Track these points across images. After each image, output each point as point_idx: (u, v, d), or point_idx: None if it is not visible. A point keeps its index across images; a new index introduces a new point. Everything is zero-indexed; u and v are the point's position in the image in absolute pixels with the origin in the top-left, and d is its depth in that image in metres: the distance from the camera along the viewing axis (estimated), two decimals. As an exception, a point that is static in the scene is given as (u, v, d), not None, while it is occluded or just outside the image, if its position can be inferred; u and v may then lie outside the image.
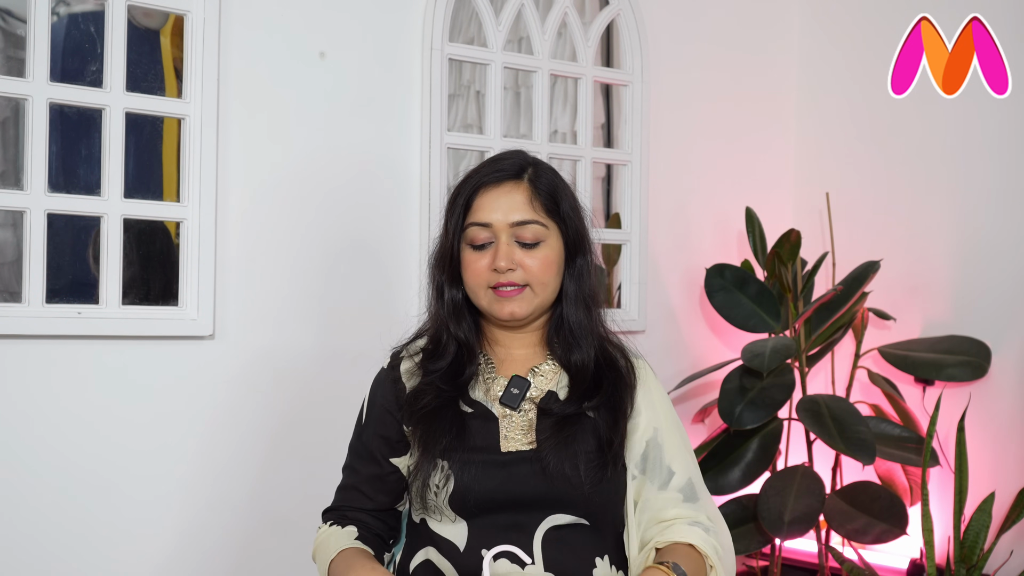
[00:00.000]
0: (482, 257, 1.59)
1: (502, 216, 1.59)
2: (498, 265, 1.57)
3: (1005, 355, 2.67)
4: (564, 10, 2.66)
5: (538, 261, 1.59)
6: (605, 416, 1.59)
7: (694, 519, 1.56)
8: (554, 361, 1.65)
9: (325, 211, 2.34)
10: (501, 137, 2.57)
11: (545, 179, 1.63)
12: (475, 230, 1.60)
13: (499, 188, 1.61)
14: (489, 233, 1.59)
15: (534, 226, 1.59)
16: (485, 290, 1.60)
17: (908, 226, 2.91)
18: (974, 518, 2.40)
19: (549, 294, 1.62)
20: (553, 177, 1.65)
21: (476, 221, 1.60)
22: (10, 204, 1.97)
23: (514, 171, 1.62)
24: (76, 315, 2.02)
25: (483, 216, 1.59)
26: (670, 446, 1.61)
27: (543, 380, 1.63)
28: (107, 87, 2.06)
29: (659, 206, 2.90)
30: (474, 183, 1.62)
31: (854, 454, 2.37)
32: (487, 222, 1.59)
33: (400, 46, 2.44)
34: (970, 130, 2.79)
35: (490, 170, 1.63)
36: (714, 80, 3.05)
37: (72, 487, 2.04)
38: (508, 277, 1.57)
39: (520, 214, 1.59)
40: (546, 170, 1.65)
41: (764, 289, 2.74)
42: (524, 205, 1.59)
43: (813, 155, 3.18)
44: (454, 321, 1.65)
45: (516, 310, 1.58)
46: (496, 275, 1.58)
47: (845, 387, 2.82)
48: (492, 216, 1.59)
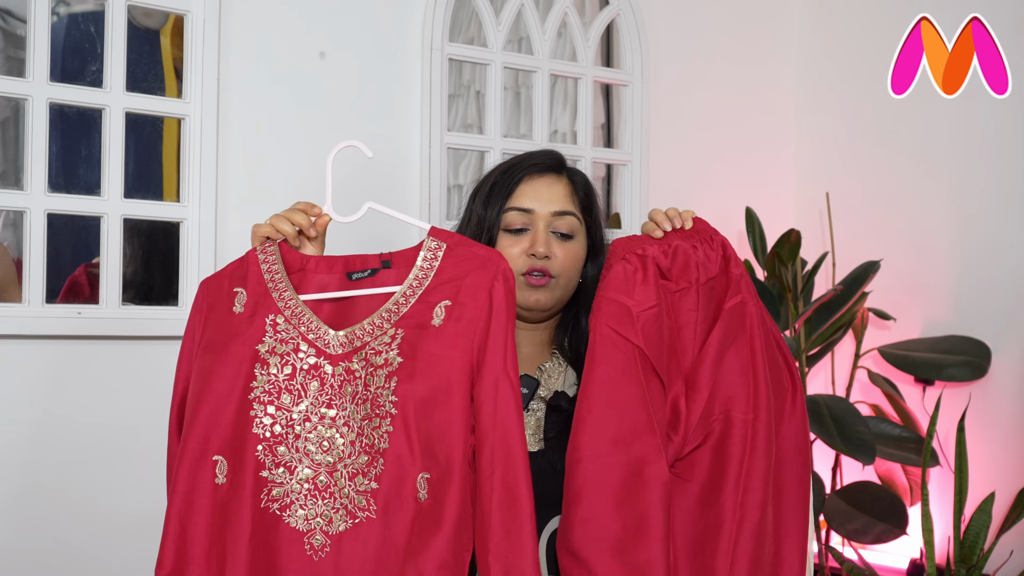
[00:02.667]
0: (518, 242, 1.62)
1: (544, 204, 1.63)
2: (536, 250, 1.60)
3: (1005, 355, 2.67)
4: (564, 10, 2.66)
5: (570, 255, 1.63)
6: None
7: None
8: (559, 358, 1.67)
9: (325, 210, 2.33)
10: (501, 137, 2.57)
11: (581, 178, 1.71)
12: (514, 215, 1.63)
13: (542, 178, 1.66)
14: (527, 219, 1.63)
15: (571, 218, 1.64)
16: (517, 276, 1.61)
17: (908, 226, 2.91)
18: (974, 518, 2.40)
19: (571, 289, 1.66)
20: (586, 179, 1.72)
21: (517, 206, 1.63)
22: (10, 204, 1.97)
23: (554, 165, 1.69)
24: (76, 315, 2.02)
25: (525, 202, 1.63)
26: None
27: (551, 379, 1.65)
28: (107, 87, 2.06)
29: (659, 206, 2.90)
30: (517, 173, 1.67)
31: (854, 454, 2.37)
32: (529, 208, 1.63)
33: (400, 46, 2.44)
34: (970, 130, 2.79)
35: (531, 161, 1.68)
36: (714, 80, 3.05)
37: (72, 487, 2.04)
38: (543, 264, 1.60)
39: (561, 205, 1.64)
40: (580, 172, 1.73)
41: (764, 289, 2.74)
42: (564, 197, 1.65)
43: (813, 155, 3.18)
44: None
45: (542, 299, 1.61)
46: (531, 260, 1.60)
47: (845, 387, 2.82)
48: (534, 203, 1.63)
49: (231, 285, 1.46)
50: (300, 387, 1.39)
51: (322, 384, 1.39)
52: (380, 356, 1.39)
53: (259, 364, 1.40)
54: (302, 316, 1.43)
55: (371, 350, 1.40)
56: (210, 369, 1.40)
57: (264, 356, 1.40)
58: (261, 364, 1.40)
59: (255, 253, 1.49)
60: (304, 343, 1.41)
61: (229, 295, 1.46)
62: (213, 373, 1.40)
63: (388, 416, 1.37)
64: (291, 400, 1.38)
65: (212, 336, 1.43)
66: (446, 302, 1.42)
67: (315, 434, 1.38)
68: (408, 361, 1.39)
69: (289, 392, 1.39)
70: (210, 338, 1.43)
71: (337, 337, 1.41)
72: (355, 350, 1.40)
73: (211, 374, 1.40)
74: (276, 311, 1.43)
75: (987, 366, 2.63)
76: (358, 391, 1.39)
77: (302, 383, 1.39)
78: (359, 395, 1.38)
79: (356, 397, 1.38)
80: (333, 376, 1.39)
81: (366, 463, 1.36)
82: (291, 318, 1.43)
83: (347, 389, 1.39)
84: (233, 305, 1.45)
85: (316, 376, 1.40)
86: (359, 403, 1.38)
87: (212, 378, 1.39)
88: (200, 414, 1.38)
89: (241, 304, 1.45)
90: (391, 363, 1.39)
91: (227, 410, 1.38)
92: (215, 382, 1.39)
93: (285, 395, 1.39)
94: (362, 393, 1.38)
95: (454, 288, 1.43)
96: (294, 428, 1.38)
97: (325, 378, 1.39)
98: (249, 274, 1.47)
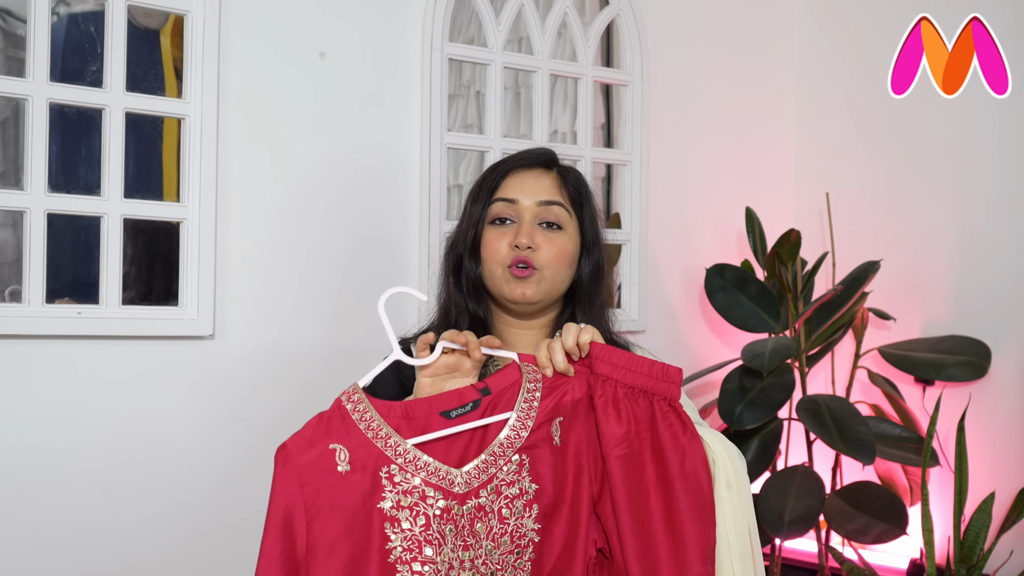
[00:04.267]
0: (503, 235, 1.62)
1: (529, 195, 1.63)
2: (519, 241, 1.59)
3: (1005, 355, 2.67)
4: (564, 10, 2.66)
5: (556, 247, 1.62)
6: None
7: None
8: None
9: (325, 211, 2.34)
10: (501, 137, 2.57)
11: (573, 175, 1.70)
12: (500, 205, 1.64)
13: (529, 172, 1.67)
14: (513, 211, 1.63)
15: (558, 208, 1.63)
16: (502, 268, 1.61)
17: (908, 226, 2.91)
18: (974, 518, 2.40)
19: (559, 283, 1.64)
20: (579, 176, 1.72)
21: (502, 196, 1.64)
22: (10, 204, 1.97)
23: (544, 160, 1.69)
24: (76, 315, 2.02)
25: (510, 193, 1.64)
26: None
27: None
28: (107, 87, 2.06)
29: (659, 206, 2.91)
30: (504, 167, 1.68)
31: (854, 454, 2.37)
32: (513, 198, 1.63)
33: (400, 46, 2.44)
34: (970, 130, 2.79)
35: (521, 156, 1.69)
36: (714, 80, 3.05)
37: (72, 487, 2.04)
38: (526, 255, 1.59)
39: (547, 195, 1.64)
40: (573, 169, 1.73)
41: (764, 289, 2.74)
42: (552, 188, 1.65)
43: (813, 155, 3.18)
44: (473, 299, 1.67)
45: (527, 292, 1.60)
46: (514, 252, 1.60)
47: (845, 387, 2.82)
48: (519, 194, 1.63)
49: (326, 442, 1.32)
50: (439, 535, 1.32)
51: (457, 527, 1.33)
52: (514, 487, 1.35)
53: (388, 523, 1.31)
54: (417, 461, 1.33)
55: (501, 481, 1.35)
56: (335, 539, 1.30)
57: (391, 514, 1.32)
58: (391, 522, 1.31)
59: (342, 403, 1.35)
60: (429, 488, 1.33)
61: (326, 453, 1.32)
62: (340, 543, 1.29)
63: (531, 544, 1.35)
64: (434, 551, 1.31)
65: (322, 500, 1.31)
66: (559, 418, 1.39)
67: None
68: (543, 486, 1.36)
69: (430, 544, 1.32)
70: (320, 503, 1.31)
71: (461, 475, 1.34)
72: (483, 484, 1.35)
73: (338, 544, 1.29)
74: (388, 461, 1.33)
75: (987, 366, 2.63)
76: (492, 527, 1.34)
77: (439, 531, 1.32)
78: (494, 530, 1.34)
79: (491, 533, 1.34)
80: (464, 516, 1.33)
81: None
82: (405, 465, 1.33)
83: (479, 527, 1.34)
84: (336, 464, 1.32)
85: (450, 519, 1.33)
86: (495, 538, 1.34)
87: (340, 548, 1.29)
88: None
89: (346, 462, 1.32)
90: (527, 491, 1.36)
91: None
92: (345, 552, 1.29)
93: (427, 547, 1.31)
94: (498, 528, 1.34)
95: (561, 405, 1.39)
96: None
97: (458, 520, 1.33)
98: (347, 428, 1.34)
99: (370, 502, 1.31)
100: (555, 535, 1.36)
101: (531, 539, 1.35)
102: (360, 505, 1.31)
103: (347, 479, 1.31)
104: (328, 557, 1.29)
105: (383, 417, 1.35)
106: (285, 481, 1.30)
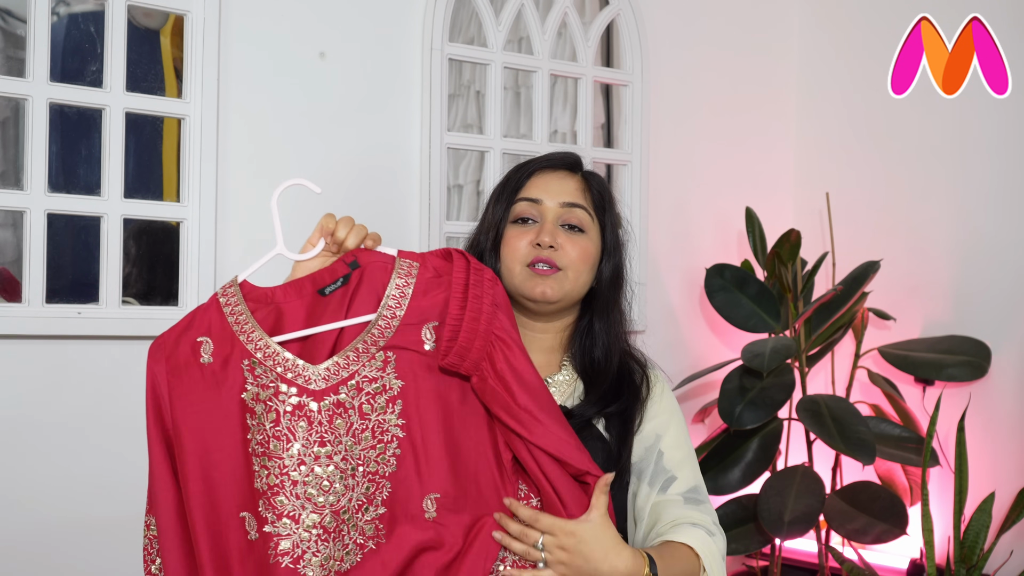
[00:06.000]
0: (525, 234, 1.61)
1: (553, 196, 1.62)
2: (541, 240, 1.58)
3: (1005, 355, 2.67)
4: (564, 10, 2.66)
5: (578, 248, 1.60)
6: (615, 428, 1.59)
7: (698, 521, 1.54)
8: (569, 369, 1.65)
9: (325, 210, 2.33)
10: (501, 137, 2.57)
11: (597, 180, 1.69)
12: (523, 205, 1.63)
13: (554, 173, 1.66)
14: (536, 211, 1.62)
15: (581, 211, 1.62)
16: (522, 267, 1.60)
17: (908, 226, 2.91)
18: (974, 518, 2.40)
19: (580, 286, 1.62)
20: (603, 181, 1.71)
21: (526, 196, 1.63)
22: (10, 204, 1.97)
23: (570, 163, 1.68)
24: (76, 315, 2.02)
25: (534, 193, 1.63)
26: (673, 453, 1.60)
27: (557, 392, 1.62)
28: (107, 87, 2.06)
29: (659, 206, 2.91)
30: (530, 167, 1.67)
31: (854, 454, 2.37)
32: (537, 198, 1.62)
33: (400, 46, 2.44)
34: (970, 130, 2.79)
35: (546, 157, 1.68)
36: (714, 80, 3.05)
37: (72, 487, 2.04)
38: (548, 254, 1.58)
39: (571, 197, 1.63)
40: (598, 175, 1.72)
41: (764, 289, 2.74)
42: (576, 191, 1.64)
43: (813, 155, 3.18)
44: None
45: (548, 291, 1.58)
46: (535, 251, 1.58)
47: (845, 387, 2.82)
48: (543, 194, 1.63)
49: (193, 336, 1.38)
50: (287, 431, 1.32)
51: (310, 423, 1.33)
52: (376, 383, 1.35)
53: (248, 414, 1.34)
54: (276, 356, 1.35)
55: (362, 378, 1.35)
56: (203, 425, 1.34)
57: (251, 405, 1.34)
58: (250, 414, 1.34)
59: (216, 298, 1.41)
60: (283, 384, 1.34)
61: (192, 347, 1.37)
62: (200, 428, 1.34)
63: (395, 440, 1.34)
64: (281, 447, 1.32)
65: (190, 392, 1.35)
66: (433, 323, 1.38)
67: (312, 476, 1.31)
68: (411, 384, 1.35)
69: (277, 439, 1.32)
70: (188, 395, 1.35)
71: (318, 371, 1.34)
72: (342, 381, 1.35)
73: (198, 431, 1.34)
74: (248, 355, 1.36)
75: (987, 366, 2.63)
76: (352, 423, 1.34)
77: (288, 426, 1.32)
78: (355, 426, 1.34)
79: (351, 429, 1.33)
80: (320, 412, 1.33)
81: (371, 491, 1.33)
82: (264, 360, 1.35)
83: (338, 423, 1.33)
84: (200, 356, 1.37)
85: (302, 416, 1.33)
86: (355, 434, 1.33)
87: (201, 434, 1.33)
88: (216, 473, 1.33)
89: (208, 353, 1.37)
90: (391, 388, 1.35)
91: (237, 465, 1.33)
92: (214, 437, 1.34)
93: (274, 442, 1.32)
94: (359, 423, 1.34)
95: (436, 307, 1.39)
96: (289, 475, 1.31)
97: (312, 416, 1.33)
98: (211, 321, 1.38)
99: (230, 394, 1.35)
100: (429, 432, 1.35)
101: (394, 435, 1.33)
102: (220, 397, 1.34)
103: (208, 370, 1.35)
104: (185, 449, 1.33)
105: (254, 309, 1.39)
106: (151, 372, 1.37)
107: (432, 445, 1.35)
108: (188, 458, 1.34)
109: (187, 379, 1.36)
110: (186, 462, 1.34)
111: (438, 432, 1.36)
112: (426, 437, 1.35)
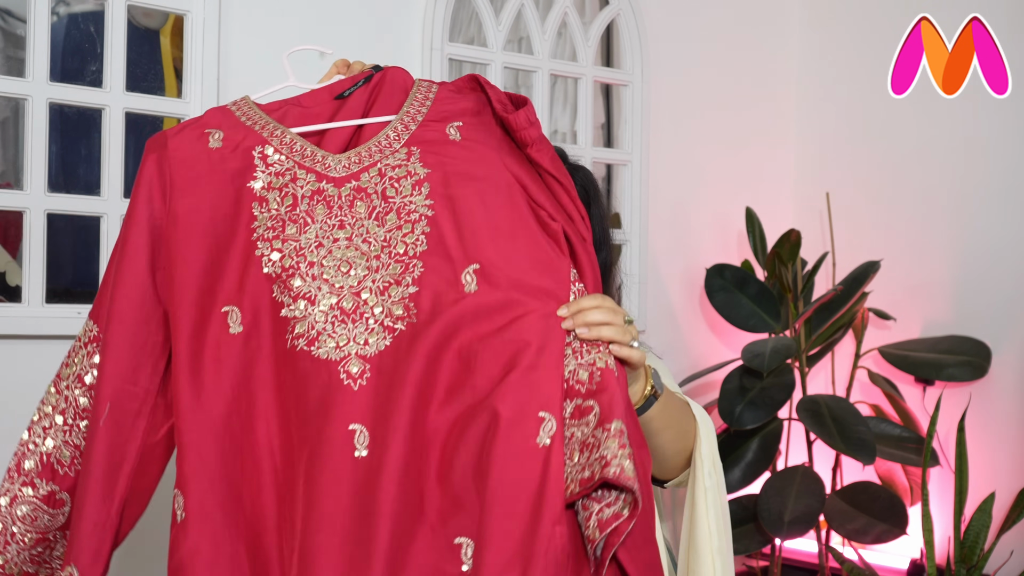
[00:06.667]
0: None
1: None
2: None
3: (1005, 355, 2.67)
4: (564, 10, 2.66)
5: None
6: None
7: None
8: None
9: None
10: (501, 137, 2.57)
11: (581, 173, 1.67)
12: None
13: None
14: None
15: None
16: None
17: (908, 226, 2.91)
18: (974, 518, 2.40)
19: None
20: (588, 174, 1.69)
21: None
22: (10, 204, 1.97)
23: None
24: (76, 315, 2.02)
25: None
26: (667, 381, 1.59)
27: None
28: (107, 87, 2.06)
29: (659, 206, 2.90)
30: None
31: (854, 454, 2.37)
32: None
33: (400, 46, 2.44)
34: (970, 130, 2.79)
35: None
36: (714, 80, 3.05)
37: (72, 487, 2.04)
38: None
39: None
40: (583, 167, 1.70)
41: (764, 289, 2.74)
42: None
43: (813, 155, 3.18)
44: None
45: None
46: None
47: (845, 387, 2.82)
48: None
49: (200, 128, 1.30)
50: (305, 214, 1.27)
51: (329, 207, 1.27)
52: (399, 169, 1.29)
53: (256, 203, 1.27)
54: (293, 144, 1.30)
55: (385, 165, 1.30)
56: (195, 210, 1.26)
57: (260, 194, 1.27)
58: (259, 203, 1.27)
59: (226, 105, 1.35)
60: (301, 170, 1.29)
61: (198, 136, 1.29)
62: (199, 215, 1.26)
63: (423, 219, 1.27)
64: (297, 230, 1.26)
65: (196, 177, 1.27)
66: (457, 123, 1.33)
67: (330, 258, 1.25)
68: (437, 169, 1.29)
69: (293, 222, 1.26)
70: (193, 179, 1.27)
71: (339, 160, 1.30)
72: (363, 168, 1.29)
73: (197, 217, 1.26)
74: (263, 141, 1.30)
75: (987, 366, 2.63)
76: (375, 206, 1.28)
77: (307, 210, 1.27)
78: (377, 209, 1.28)
79: (374, 212, 1.28)
80: (340, 197, 1.28)
81: (399, 272, 1.25)
82: (280, 147, 1.30)
83: (359, 206, 1.28)
84: (208, 143, 1.29)
85: (321, 200, 1.27)
86: (379, 216, 1.28)
87: (200, 222, 1.26)
88: (193, 264, 1.25)
89: (219, 140, 1.30)
90: (416, 173, 1.29)
91: (231, 256, 1.26)
92: (205, 225, 1.26)
93: (290, 226, 1.26)
94: (382, 206, 1.28)
95: (460, 111, 1.34)
96: (305, 257, 1.25)
97: (331, 200, 1.28)
98: (225, 118, 1.32)
99: (240, 179, 1.28)
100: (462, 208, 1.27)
101: (423, 214, 1.27)
102: (228, 181, 1.28)
103: (217, 154, 1.29)
104: (189, 228, 1.26)
105: (268, 111, 1.34)
106: (147, 161, 1.29)
107: (466, 219, 1.27)
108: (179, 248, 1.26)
109: (192, 162, 1.28)
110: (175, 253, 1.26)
111: (472, 209, 1.28)
112: (458, 213, 1.27)
